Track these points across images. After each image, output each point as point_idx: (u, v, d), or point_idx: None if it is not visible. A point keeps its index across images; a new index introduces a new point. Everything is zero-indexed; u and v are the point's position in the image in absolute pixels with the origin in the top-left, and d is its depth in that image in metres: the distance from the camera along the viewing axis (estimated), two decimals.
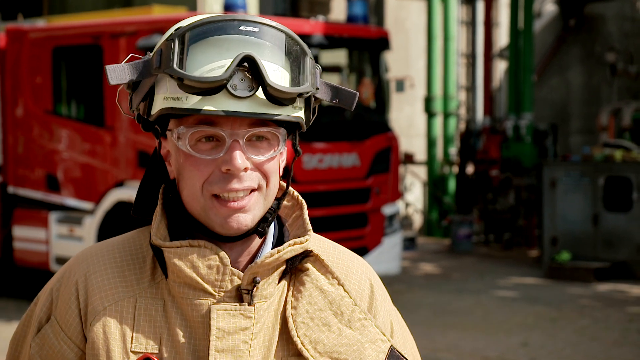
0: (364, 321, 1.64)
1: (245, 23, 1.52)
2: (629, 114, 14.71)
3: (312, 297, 1.62)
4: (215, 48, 1.51)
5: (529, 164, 14.66)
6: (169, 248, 1.57)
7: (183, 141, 1.54)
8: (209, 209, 1.56)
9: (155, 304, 1.59)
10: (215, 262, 1.56)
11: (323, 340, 1.60)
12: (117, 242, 1.68)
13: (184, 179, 1.57)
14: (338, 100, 1.64)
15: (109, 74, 1.54)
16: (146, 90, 1.56)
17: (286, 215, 1.69)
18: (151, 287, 1.60)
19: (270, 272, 1.59)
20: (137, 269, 1.62)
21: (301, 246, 1.61)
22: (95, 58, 9.66)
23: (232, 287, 1.57)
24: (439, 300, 10.44)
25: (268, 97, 1.51)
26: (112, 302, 1.60)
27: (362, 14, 10.64)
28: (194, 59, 1.51)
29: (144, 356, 1.57)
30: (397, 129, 12.73)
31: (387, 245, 10.30)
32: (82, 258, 1.66)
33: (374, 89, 10.60)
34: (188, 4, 12.34)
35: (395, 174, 10.66)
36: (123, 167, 9.45)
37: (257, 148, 1.56)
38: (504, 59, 18.95)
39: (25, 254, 10.24)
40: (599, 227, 12.21)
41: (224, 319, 1.55)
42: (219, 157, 1.54)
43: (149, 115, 1.58)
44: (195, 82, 1.48)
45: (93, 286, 1.61)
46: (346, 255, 1.73)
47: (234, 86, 1.49)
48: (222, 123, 1.53)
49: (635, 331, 9.09)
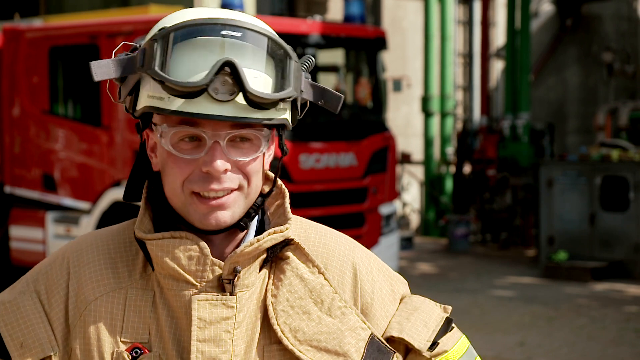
0: (344, 309, 1.65)
1: (227, 27, 1.52)
2: (625, 114, 14.73)
3: (292, 286, 1.63)
4: (197, 51, 1.51)
5: (526, 164, 14.67)
6: (151, 240, 1.59)
7: (165, 140, 1.56)
8: (189, 205, 1.57)
9: (145, 296, 1.61)
10: (196, 252, 1.57)
11: (303, 328, 1.61)
12: (112, 232, 1.69)
13: (166, 175, 1.59)
14: (323, 101, 1.63)
15: (94, 70, 1.56)
16: (132, 85, 1.57)
17: (268, 203, 1.69)
18: (142, 278, 1.62)
19: (251, 261, 1.60)
20: (130, 260, 1.64)
21: (281, 235, 1.62)
22: (92, 58, 9.60)
23: (213, 277, 1.58)
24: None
25: (248, 102, 1.52)
26: (104, 293, 1.61)
27: (359, 14, 10.64)
28: (176, 62, 1.51)
29: (133, 345, 1.59)
30: (394, 128, 12.73)
31: (384, 245, 10.30)
32: (77, 247, 1.68)
33: (371, 89, 10.61)
34: (185, 4, 12.33)
35: (393, 174, 10.66)
36: (120, 167, 9.45)
37: (240, 149, 1.56)
38: (501, 59, 18.97)
39: (22, 254, 10.23)
40: (595, 226, 12.22)
41: (205, 308, 1.56)
42: (200, 157, 1.55)
43: (134, 111, 1.59)
44: (176, 85, 1.49)
45: (85, 276, 1.62)
46: (328, 238, 1.73)
47: (215, 89, 1.50)
48: (204, 124, 1.54)
49: (632, 330, 9.10)
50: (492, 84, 18.86)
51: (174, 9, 12.34)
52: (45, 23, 10.61)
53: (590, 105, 18.63)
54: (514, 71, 15.42)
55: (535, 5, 19.40)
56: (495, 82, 19.56)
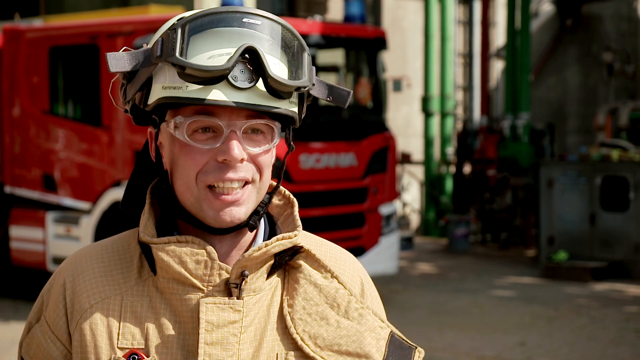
0: (361, 310, 1.65)
1: (247, 15, 1.54)
2: (625, 114, 14.72)
3: (307, 293, 1.63)
4: (217, 39, 1.53)
5: (526, 164, 14.67)
6: (157, 244, 1.58)
7: (180, 130, 1.55)
8: (203, 200, 1.57)
9: (141, 301, 1.61)
10: (203, 256, 1.57)
11: (322, 334, 1.61)
12: (106, 243, 1.70)
13: (178, 169, 1.58)
14: (332, 98, 1.64)
15: (110, 61, 1.55)
16: (143, 80, 1.57)
17: (278, 214, 1.70)
18: (137, 284, 1.62)
19: (258, 266, 1.60)
20: (124, 267, 1.64)
21: (289, 241, 1.62)
22: (92, 58, 9.66)
23: (220, 281, 1.58)
24: (436, 300, 10.44)
25: (268, 89, 1.53)
26: (99, 300, 1.61)
27: (359, 14, 10.64)
28: (195, 49, 1.52)
29: (131, 352, 1.58)
30: (394, 128, 12.73)
31: (384, 245, 10.30)
32: (71, 260, 1.69)
33: (371, 89, 10.61)
34: (185, 4, 12.32)
35: (393, 174, 10.66)
36: (120, 167, 9.45)
37: (253, 140, 1.57)
38: (501, 59, 18.97)
39: (22, 254, 10.24)
40: (595, 226, 12.22)
41: (213, 312, 1.57)
42: (216, 147, 1.55)
43: (145, 105, 1.58)
44: (197, 70, 1.49)
45: (80, 286, 1.63)
46: (338, 253, 1.74)
47: (235, 77, 1.51)
48: (219, 114, 1.54)
49: (632, 330, 9.10)
50: (492, 84, 18.86)
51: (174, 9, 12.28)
52: (45, 23, 10.62)
53: (590, 105, 18.63)
54: (514, 71, 15.43)
55: (535, 5, 19.40)
56: (495, 82, 19.56)
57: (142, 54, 1.56)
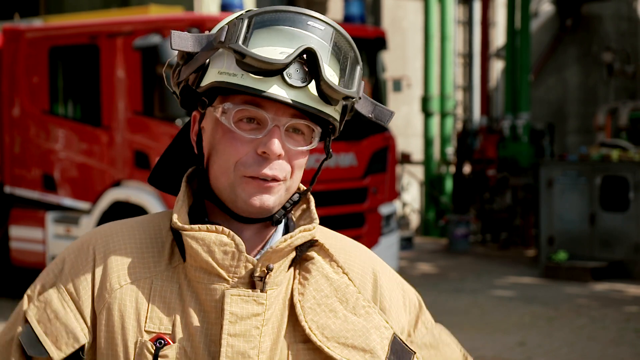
0: (368, 308, 1.68)
1: (313, 19, 1.59)
2: (625, 114, 14.72)
3: (318, 284, 1.66)
4: (280, 37, 1.56)
5: (526, 164, 14.67)
6: (189, 232, 1.60)
7: (227, 117, 1.58)
8: (237, 185, 1.59)
9: (170, 287, 1.62)
10: (231, 248, 1.59)
11: (330, 325, 1.64)
12: (137, 223, 1.70)
13: (217, 154, 1.61)
14: (374, 115, 1.70)
15: (174, 38, 1.59)
16: (201, 62, 1.60)
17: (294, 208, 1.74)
18: (168, 270, 1.63)
19: (281, 258, 1.63)
20: (156, 251, 1.65)
21: (310, 233, 1.66)
22: (92, 58, 9.66)
23: (245, 273, 1.60)
24: (436, 300, 10.44)
25: (319, 92, 1.57)
26: (130, 282, 1.62)
27: (359, 14, 10.64)
28: (256, 41, 1.55)
29: (157, 336, 1.60)
30: (394, 128, 12.73)
31: (384, 245, 10.30)
32: (102, 234, 1.68)
33: (371, 89, 10.60)
34: (185, 4, 12.33)
35: (392, 174, 10.66)
36: (120, 167, 9.45)
37: (293, 139, 1.61)
38: (500, 59, 18.97)
39: (22, 254, 10.23)
40: (595, 226, 12.22)
41: (237, 304, 1.58)
42: (258, 138, 1.58)
43: (197, 87, 1.61)
44: (256, 61, 1.53)
45: (112, 264, 1.63)
46: (349, 246, 1.78)
47: (289, 74, 1.55)
48: (267, 107, 1.57)
49: (632, 331, 9.10)
50: (492, 84, 18.86)
51: (174, 9, 12.26)
52: (45, 23, 10.62)
53: (590, 105, 18.63)
54: (514, 71, 15.43)
55: (535, 5, 19.40)
56: (495, 82, 19.56)
57: (205, 37, 1.59)
